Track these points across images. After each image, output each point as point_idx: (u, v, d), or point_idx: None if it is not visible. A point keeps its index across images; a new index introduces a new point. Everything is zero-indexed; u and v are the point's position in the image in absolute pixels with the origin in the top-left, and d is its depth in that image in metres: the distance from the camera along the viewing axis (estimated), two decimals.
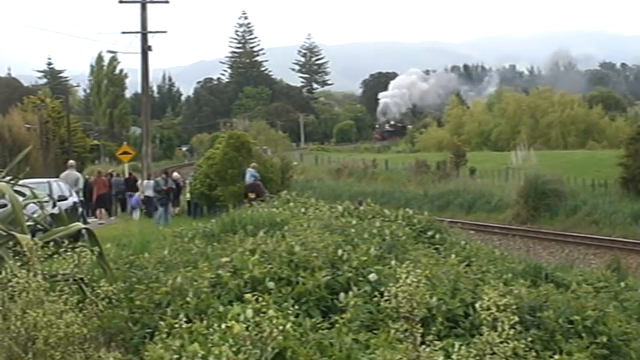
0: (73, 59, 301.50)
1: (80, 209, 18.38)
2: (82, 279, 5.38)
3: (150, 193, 25.25)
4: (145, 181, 27.30)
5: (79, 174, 22.96)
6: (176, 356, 4.01)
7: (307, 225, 7.88)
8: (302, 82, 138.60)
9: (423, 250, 7.65)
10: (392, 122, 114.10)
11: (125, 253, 7.41)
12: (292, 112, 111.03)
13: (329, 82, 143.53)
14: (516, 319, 3.82)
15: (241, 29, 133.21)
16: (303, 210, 10.32)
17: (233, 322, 4.19)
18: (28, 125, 59.92)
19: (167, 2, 30.36)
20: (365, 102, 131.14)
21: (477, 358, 3.69)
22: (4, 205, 6.15)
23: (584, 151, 54.91)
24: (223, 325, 4.24)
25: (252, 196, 20.65)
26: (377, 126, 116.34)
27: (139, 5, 29.89)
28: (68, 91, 74.07)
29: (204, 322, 4.61)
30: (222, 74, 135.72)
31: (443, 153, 49.92)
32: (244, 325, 4.04)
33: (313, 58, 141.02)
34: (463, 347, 3.76)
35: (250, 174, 22.75)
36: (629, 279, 9.58)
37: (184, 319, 4.50)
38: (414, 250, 7.51)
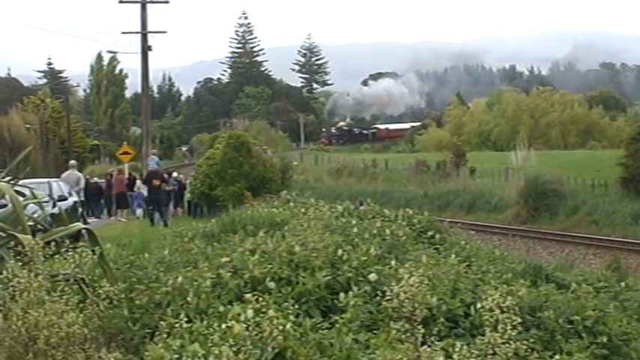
0: (73, 59, 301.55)
1: (80, 209, 18.41)
2: (82, 279, 5.39)
3: None
4: None
5: (80, 174, 23.02)
6: (176, 356, 4.01)
7: (307, 225, 7.88)
8: (302, 82, 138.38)
9: (423, 250, 7.65)
10: (339, 125, 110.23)
11: (125, 253, 7.41)
12: (292, 112, 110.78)
13: (329, 82, 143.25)
14: (518, 319, 3.82)
15: (241, 29, 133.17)
16: (303, 210, 10.33)
17: (233, 322, 4.20)
18: (28, 125, 59.92)
19: (167, 2, 30.42)
20: None
21: (479, 358, 3.69)
22: (5, 205, 6.16)
23: (584, 151, 54.87)
24: (224, 325, 4.25)
25: (156, 182, 20.62)
26: (323, 130, 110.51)
27: (139, 5, 29.92)
28: (68, 91, 74.16)
29: (205, 322, 4.62)
30: (222, 74, 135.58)
31: (443, 153, 49.82)
32: (244, 325, 4.04)
33: (313, 58, 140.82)
34: (464, 347, 3.76)
35: (154, 161, 22.76)
36: (629, 279, 9.56)
37: (185, 319, 4.51)
38: (414, 250, 7.51)
